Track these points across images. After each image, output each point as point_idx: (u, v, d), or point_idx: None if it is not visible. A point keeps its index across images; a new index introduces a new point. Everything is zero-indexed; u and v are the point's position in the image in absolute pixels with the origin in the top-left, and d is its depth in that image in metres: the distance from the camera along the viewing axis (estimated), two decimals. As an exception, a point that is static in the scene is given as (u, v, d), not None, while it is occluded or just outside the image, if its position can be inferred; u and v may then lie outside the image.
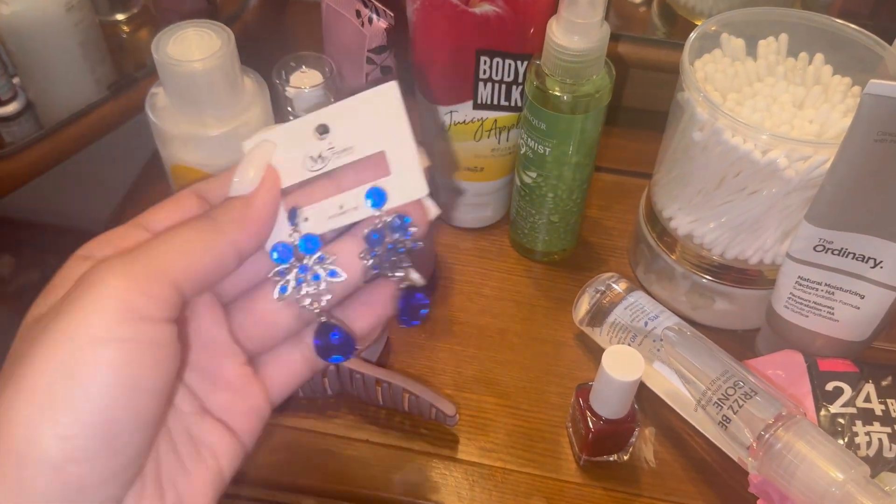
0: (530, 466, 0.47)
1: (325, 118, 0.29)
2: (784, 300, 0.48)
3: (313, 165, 0.29)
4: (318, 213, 0.29)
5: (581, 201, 0.54)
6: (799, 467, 0.40)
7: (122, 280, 0.24)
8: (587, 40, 0.45)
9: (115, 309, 0.24)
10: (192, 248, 0.26)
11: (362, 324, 0.30)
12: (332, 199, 0.29)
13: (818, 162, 0.43)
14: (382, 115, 0.28)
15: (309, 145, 0.29)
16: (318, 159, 0.29)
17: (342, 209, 0.29)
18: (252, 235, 0.28)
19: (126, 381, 0.24)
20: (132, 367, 0.24)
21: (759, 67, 0.48)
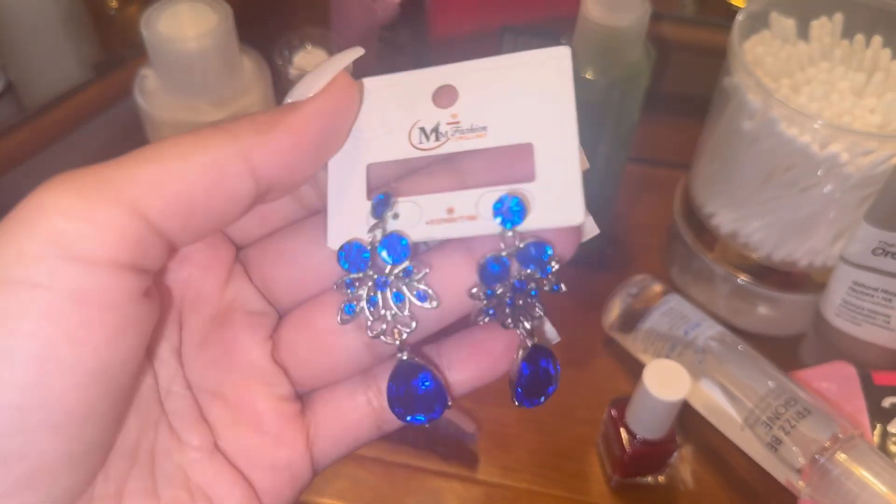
0: (557, 488, 0.44)
1: (455, 79, 0.20)
2: (835, 307, 0.44)
3: (423, 141, 0.20)
4: (415, 212, 0.20)
5: (612, 196, 0.50)
6: (859, 496, 0.37)
7: (61, 197, 0.17)
8: (626, 17, 0.40)
9: (40, 241, 0.17)
10: (174, 155, 0.18)
11: (461, 375, 0.22)
12: (441, 197, 0.20)
13: (883, 157, 0.39)
14: (540, 91, 0.20)
15: (423, 111, 0.20)
16: (431, 134, 0.20)
17: (452, 214, 0.20)
18: (276, 150, 0.19)
19: (41, 353, 0.17)
20: (52, 331, 0.17)
21: (813, 50, 0.44)
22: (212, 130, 0.19)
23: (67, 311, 0.17)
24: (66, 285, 0.17)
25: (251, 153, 0.19)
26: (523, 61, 0.20)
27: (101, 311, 0.17)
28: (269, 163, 0.19)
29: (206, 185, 0.18)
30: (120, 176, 0.18)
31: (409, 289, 0.20)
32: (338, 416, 0.22)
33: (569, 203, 0.19)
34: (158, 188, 0.18)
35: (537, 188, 0.20)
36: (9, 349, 0.17)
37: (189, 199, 0.18)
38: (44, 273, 0.17)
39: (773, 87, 0.42)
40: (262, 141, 0.19)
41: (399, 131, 0.21)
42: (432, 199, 0.20)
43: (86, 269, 0.17)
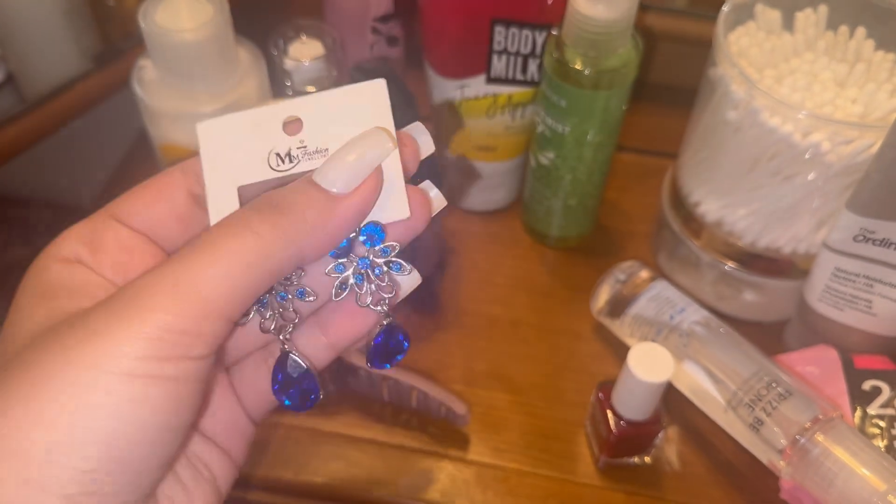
0: (546, 468, 0.45)
1: (298, 110, 0.25)
2: (818, 292, 0.45)
3: (280, 164, 0.24)
4: None
5: (600, 184, 0.50)
6: (838, 476, 0.38)
7: (169, 312, 0.21)
8: (614, 10, 0.41)
9: (156, 344, 0.21)
10: (249, 264, 0.22)
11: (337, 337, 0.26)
12: None
13: (863, 146, 0.40)
14: (366, 116, 0.24)
15: (276, 139, 0.25)
16: (285, 158, 0.24)
17: None
18: (323, 244, 0.23)
19: (154, 420, 0.21)
20: (163, 405, 0.21)
21: (797, 42, 0.45)
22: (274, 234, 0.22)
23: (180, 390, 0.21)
24: (181, 374, 0.21)
25: (302, 253, 0.23)
26: (352, 93, 0.25)
27: (196, 386, 0.22)
28: (313, 255, 0.23)
29: (268, 285, 0.23)
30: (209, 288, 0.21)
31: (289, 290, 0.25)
32: (251, 384, 0.27)
33: (395, 203, 0.24)
34: (239, 295, 0.22)
35: None
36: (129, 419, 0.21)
37: (256, 294, 0.22)
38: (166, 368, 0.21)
39: (756, 77, 0.43)
40: (313, 241, 0.23)
41: (260, 157, 0.25)
42: None
43: (193, 363, 0.21)
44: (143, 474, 0.22)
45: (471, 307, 0.51)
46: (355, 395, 0.47)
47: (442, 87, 0.49)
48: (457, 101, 0.49)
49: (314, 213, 0.22)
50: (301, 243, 0.22)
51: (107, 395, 0.20)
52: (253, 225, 0.22)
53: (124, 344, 0.21)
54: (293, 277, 0.24)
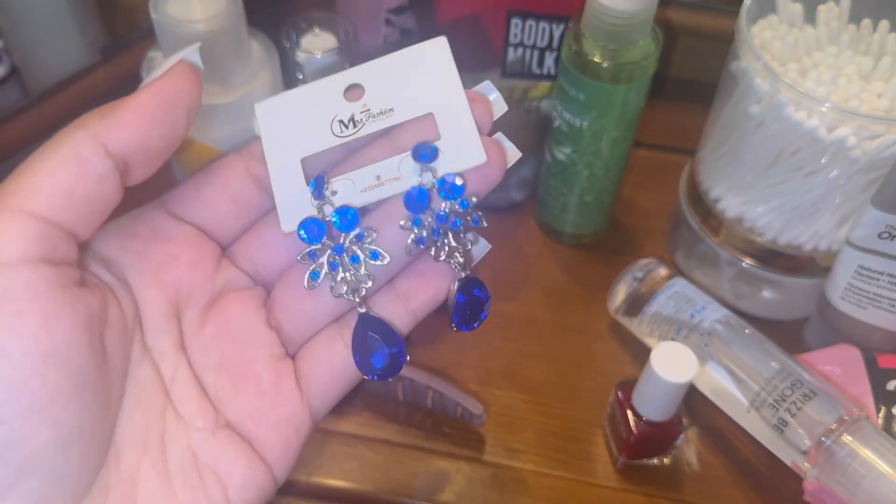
0: (563, 469, 0.44)
1: (359, 77, 0.24)
2: (841, 290, 0.44)
3: (344, 130, 0.24)
4: (348, 186, 0.24)
5: (617, 180, 0.50)
6: (865, 477, 0.37)
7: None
8: (635, 1, 0.40)
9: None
10: (41, 157, 0.21)
11: (416, 302, 0.25)
12: (368, 168, 0.24)
13: (890, 141, 0.39)
14: (429, 73, 0.24)
15: (338, 107, 0.24)
16: (349, 123, 0.24)
17: (380, 180, 0.24)
18: (120, 127, 0.21)
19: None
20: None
21: (820, 35, 0.44)
22: (66, 128, 0.21)
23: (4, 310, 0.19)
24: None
25: (99, 134, 0.21)
26: (413, 54, 0.24)
27: (28, 302, 0.19)
28: (116, 139, 0.21)
29: (72, 174, 0.21)
30: (3, 190, 0.20)
31: (362, 252, 0.24)
32: (322, 364, 0.25)
33: (471, 150, 0.23)
34: (37, 189, 0.20)
35: (443, 143, 0.24)
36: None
37: (64, 189, 0.21)
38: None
39: (780, 70, 0.42)
40: (107, 122, 0.21)
41: (322, 127, 0.24)
42: (362, 172, 0.24)
43: (2, 271, 0.19)
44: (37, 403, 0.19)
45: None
46: (369, 395, 0.46)
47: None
48: (471, 95, 0.48)
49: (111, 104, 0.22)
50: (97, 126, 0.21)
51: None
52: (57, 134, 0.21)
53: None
54: (365, 238, 0.24)
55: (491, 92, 0.25)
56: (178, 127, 0.22)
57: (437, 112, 0.24)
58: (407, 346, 0.24)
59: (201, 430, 0.23)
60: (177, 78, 0.22)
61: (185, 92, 0.22)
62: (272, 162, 0.24)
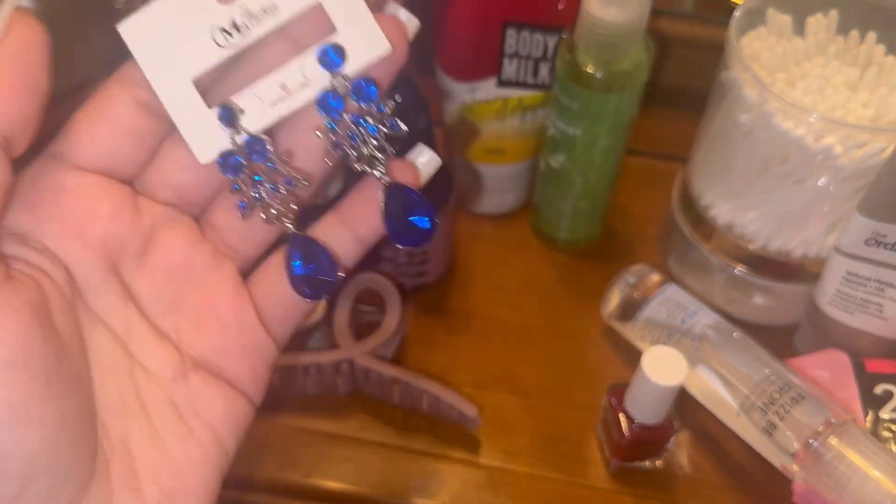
0: (557, 471, 0.44)
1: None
2: (829, 296, 0.45)
3: (227, 39, 0.22)
4: (255, 102, 0.22)
5: (610, 187, 0.51)
6: (851, 479, 0.38)
7: None
8: (626, 12, 0.41)
9: None
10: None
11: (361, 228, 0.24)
12: (270, 79, 0.22)
13: (875, 150, 0.40)
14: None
15: (213, 13, 0.22)
16: (231, 30, 0.22)
17: (286, 89, 0.22)
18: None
19: None
20: None
21: (808, 46, 0.45)
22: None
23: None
24: None
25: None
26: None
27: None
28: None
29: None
30: None
31: (279, 178, 0.23)
32: (277, 292, 0.24)
33: (371, 37, 0.22)
34: None
35: (340, 37, 0.22)
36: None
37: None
38: None
39: (768, 81, 0.43)
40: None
41: (203, 39, 0.22)
42: (266, 85, 0.22)
43: None
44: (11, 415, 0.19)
45: (480, 310, 0.51)
46: (366, 398, 0.46)
47: (453, 90, 0.49)
48: (467, 104, 0.49)
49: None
50: None
51: None
52: None
53: None
54: (278, 164, 0.23)
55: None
56: (43, 83, 0.21)
57: (326, 1, 0.22)
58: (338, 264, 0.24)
59: (174, 380, 0.23)
60: (22, 33, 0.20)
61: (35, 44, 0.20)
62: (161, 90, 0.22)
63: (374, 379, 0.45)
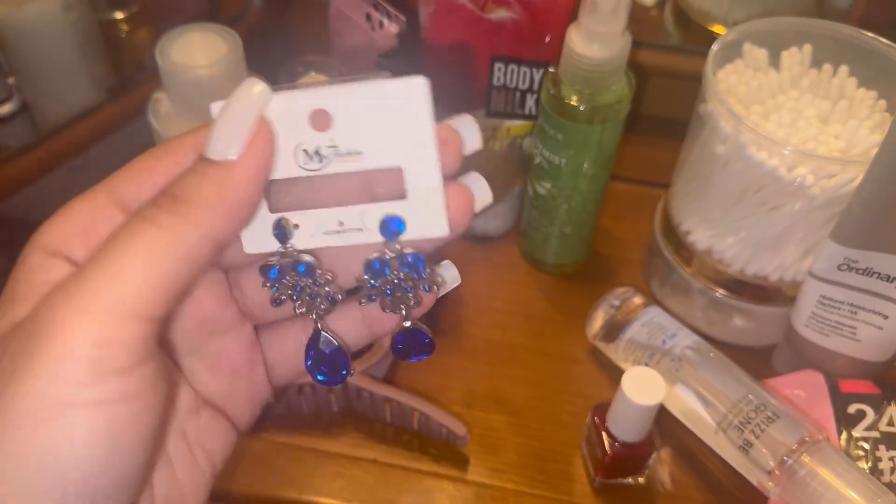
0: (543, 488, 0.46)
1: (327, 103, 0.22)
2: (805, 319, 0.46)
3: (308, 162, 0.23)
4: (309, 224, 0.24)
5: (595, 212, 0.52)
6: (823, 496, 0.39)
7: (80, 328, 0.20)
8: (608, 49, 0.43)
9: (80, 368, 0.19)
10: (155, 256, 0.20)
11: (351, 338, 0.26)
12: (332, 212, 0.23)
13: (845, 180, 0.42)
14: (404, 118, 0.22)
15: (302, 133, 0.22)
16: (314, 156, 0.23)
17: (342, 227, 0.24)
18: (232, 218, 0.21)
19: (105, 449, 0.20)
20: (111, 430, 0.20)
21: (783, 79, 0.47)
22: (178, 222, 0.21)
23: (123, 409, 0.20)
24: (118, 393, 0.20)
25: (213, 232, 0.21)
26: (388, 90, 0.22)
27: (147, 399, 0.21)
28: (227, 233, 0.22)
29: (187, 275, 0.21)
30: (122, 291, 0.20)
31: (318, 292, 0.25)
32: (289, 348, 0.27)
33: (434, 219, 0.23)
34: (156, 292, 0.20)
35: (408, 206, 0.23)
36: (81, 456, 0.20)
37: (177, 289, 0.21)
38: (100, 390, 0.20)
39: (743, 114, 0.45)
40: (220, 218, 0.21)
41: (286, 150, 0.23)
42: (326, 214, 0.24)
43: (128, 376, 0.20)
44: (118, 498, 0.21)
45: (470, 331, 0.53)
46: (359, 416, 0.48)
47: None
48: (457, 132, 0.51)
49: (212, 188, 0.21)
50: (209, 223, 0.21)
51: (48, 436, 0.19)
52: (154, 218, 0.21)
53: (51, 376, 0.19)
54: (322, 285, 0.24)
55: (467, 127, 0.24)
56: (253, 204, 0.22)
57: (407, 167, 0.23)
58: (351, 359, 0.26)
59: (188, 412, 0.25)
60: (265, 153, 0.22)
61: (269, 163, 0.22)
62: None
63: (367, 398, 0.46)
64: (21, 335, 0.20)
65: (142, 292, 0.20)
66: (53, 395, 0.19)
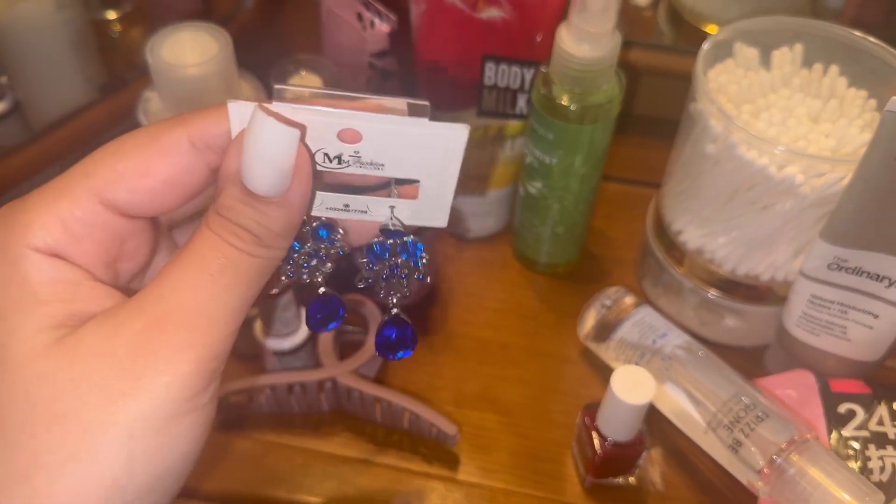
0: (533, 488, 0.46)
1: (361, 126, 0.23)
2: (796, 318, 0.46)
3: (327, 162, 0.23)
4: (318, 203, 0.25)
5: (587, 212, 0.52)
6: (812, 494, 0.39)
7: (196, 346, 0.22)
8: (598, 49, 0.43)
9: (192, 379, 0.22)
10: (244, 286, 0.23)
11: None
12: (338, 196, 0.25)
13: (835, 179, 0.42)
14: (436, 152, 0.23)
15: (328, 143, 0.23)
16: (334, 159, 0.23)
17: (347, 208, 0.25)
18: (290, 243, 0.24)
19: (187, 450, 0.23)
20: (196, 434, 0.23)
21: (774, 78, 0.47)
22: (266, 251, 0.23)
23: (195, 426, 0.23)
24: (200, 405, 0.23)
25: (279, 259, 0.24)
26: (429, 131, 0.23)
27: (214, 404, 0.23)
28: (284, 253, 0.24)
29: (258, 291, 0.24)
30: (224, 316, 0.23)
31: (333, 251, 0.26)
32: None
33: (438, 215, 0.25)
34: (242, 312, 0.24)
35: (417, 205, 0.25)
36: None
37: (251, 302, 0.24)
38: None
39: (733, 113, 0.45)
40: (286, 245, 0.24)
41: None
42: (333, 196, 0.25)
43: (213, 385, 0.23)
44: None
45: (462, 330, 0.53)
46: (349, 415, 0.48)
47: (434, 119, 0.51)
48: (449, 132, 0.51)
49: (278, 225, 0.23)
50: (275, 255, 0.23)
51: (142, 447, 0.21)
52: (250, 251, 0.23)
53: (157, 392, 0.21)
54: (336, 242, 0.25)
55: None
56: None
57: (425, 183, 0.24)
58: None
59: None
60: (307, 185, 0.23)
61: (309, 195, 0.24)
62: None
63: (357, 397, 0.46)
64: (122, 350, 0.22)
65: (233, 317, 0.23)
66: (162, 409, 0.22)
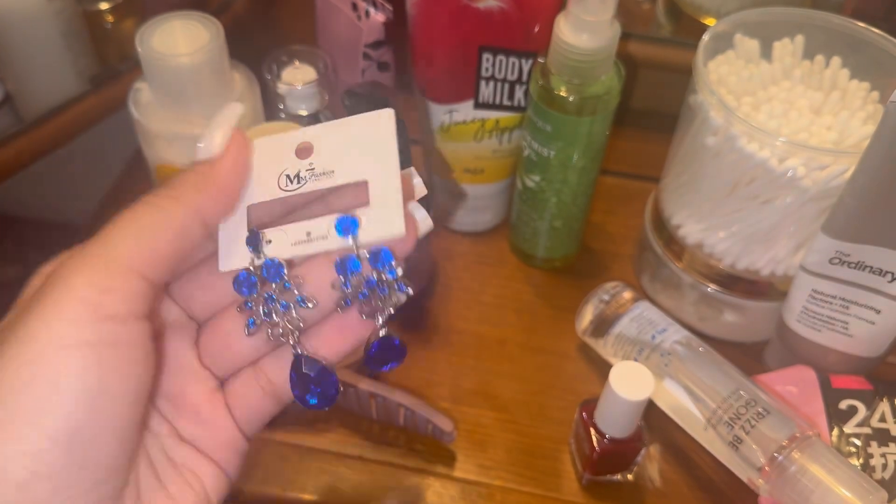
0: (531, 485, 0.45)
1: (311, 137, 0.27)
2: (796, 314, 0.46)
3: (288, 184, 0.26)
4: (282, 238, 0.26)
5: (585, 206, 0.52)
6: (814, 492, 0.39)
7: (83, 276, 0.23)
8: (597, 39, 0.42)
9: (79, 310, 0.22)
10: (151, 227, 0.24)
11: (329, 351, 0.27)
12: (300, 225, 0.26)
13: (837, 172, 0.41)
14: (372, 142, 0.26)
15: (287, 162, 0.27)
16: (294, 179, 0.26)
17: (309, 236, 0.26)
18: (216, 200, 0.26)
19: (94, 388, 0.22)
20: (100, 372, 0.22)
21: (775, 70, 0.46)
22: (170, 202, 0.25)
23: (114, 354, 0.23)
24: (111, 337, 0.23)
25: (202, 211, 0.25)
26: (361, 122, 0.26)
27: (132, 351, 0.23)
28: (212, 213, 0.26)
29: (179, 246, 0.25)
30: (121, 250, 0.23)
31: (289, 298, 0.26)
32: (245, 402, 0.28)
33: (392, 220, 0.25)
34: (152, 256, 0.24)
35: (369, 211, 0.26)
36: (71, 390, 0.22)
37: (169, 256, 0.25)
38: (95, 331, 0.22)
39: (734, 104, 0.44)
40: (205, 196, 0.25)
41: (271, 179, 0.27)
42: (294, 227, 0.26)
43: (121, 324, 0.23)
44: (92, 451, 0.22)
45: (459, 326, 0.52)
46: (344, 412, 0.47)
47: (431, 111, 0.50)
48: (445, 125, 0.50)
49: (198, 176, 0.25)
50: (196, 203, 0.25)
51: (41, 371, 0.22)
52: (151, 201, 0.25)
53: (49, 317, 0.22)
54: (292, 286, 0.26)
55: (420, 212, 0.27)
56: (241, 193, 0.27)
57: (372, 181, 0.26)
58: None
59: (166, 437, 0.27)
60: (243, 152, 0.26)
61: (249, 162, 0.27)
62: None
63: (352, 393, 0.45)
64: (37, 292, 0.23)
65: (138, 253, 0.24)
66: (53, 332, 0.22)
